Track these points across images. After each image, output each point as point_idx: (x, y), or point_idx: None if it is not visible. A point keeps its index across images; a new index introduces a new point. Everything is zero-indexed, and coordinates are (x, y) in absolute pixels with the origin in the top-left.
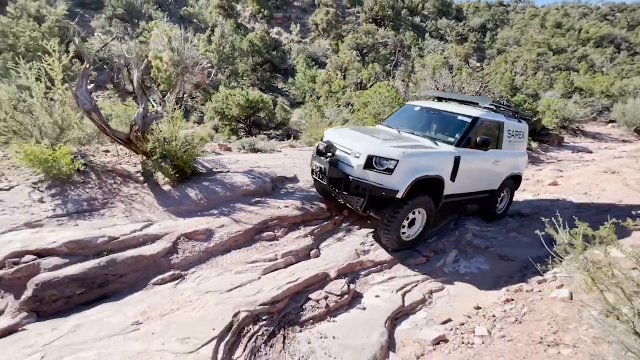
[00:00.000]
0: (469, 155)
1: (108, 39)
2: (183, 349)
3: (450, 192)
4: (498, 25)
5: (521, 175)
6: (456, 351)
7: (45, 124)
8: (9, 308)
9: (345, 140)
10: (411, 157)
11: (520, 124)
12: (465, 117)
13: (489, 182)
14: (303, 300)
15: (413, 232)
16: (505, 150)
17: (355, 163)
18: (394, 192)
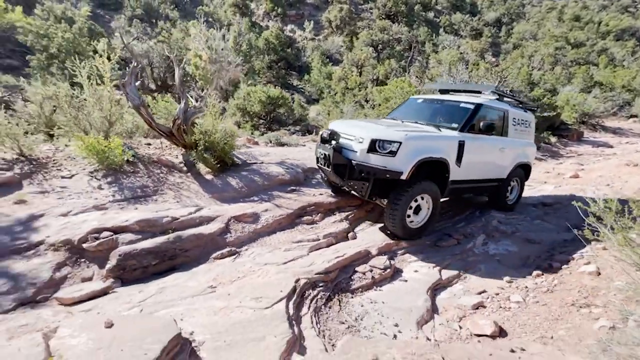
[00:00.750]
0: (473, 140)
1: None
2: (259, 305)
3: (457, 177)
4: (513, 19)
5: (530, 164)
6: (495, 313)
7: (96, 119)
8: (96, 275)
9: (348, 128)
10: (414, 139)
11: (526, 114)
12: (468, 104)
13: (496, 169)
14: (351, 272)
15: (419, 219)
16: (512, 138)
17: (358, 148)
18: (398, 173)
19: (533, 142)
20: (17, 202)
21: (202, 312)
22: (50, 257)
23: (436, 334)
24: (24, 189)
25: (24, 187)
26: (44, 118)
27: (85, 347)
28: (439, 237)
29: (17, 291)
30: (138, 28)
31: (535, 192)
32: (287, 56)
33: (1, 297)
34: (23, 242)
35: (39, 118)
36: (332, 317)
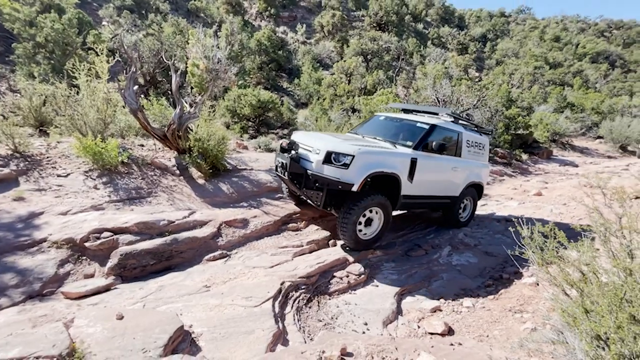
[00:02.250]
0: (426, 159)
1: (117, 30)
2: (248, 304)
3: (409, 192)
4: (498, 35)
5: (482, 184)
6: (448, 316)
7: (92, 119)
8: (97, 272)
9: (308, 140)
10: (366, 154)
11: (481, 137)
12: (424, 124)
13: (449, 187)
14: (329, 277)
15: (371, 231)
16: (465, 159)
17: (314, 159)
18: (349, 184)
19: (487, 164)
20: (15, 199)
21: (199, 308)
22: (54, 254)
23: (398, 332)
24: (21, 185)
25: (20, 184)
26: (33, 112)
27: (102, 335)
28: (410, 247)
29: (25, 285)
30: (128, 19)
31: (501, 207)
32: (278, 58)
33: (11, 289)
34: (26, 239)
35: (28, 111)
36: (312, 315)
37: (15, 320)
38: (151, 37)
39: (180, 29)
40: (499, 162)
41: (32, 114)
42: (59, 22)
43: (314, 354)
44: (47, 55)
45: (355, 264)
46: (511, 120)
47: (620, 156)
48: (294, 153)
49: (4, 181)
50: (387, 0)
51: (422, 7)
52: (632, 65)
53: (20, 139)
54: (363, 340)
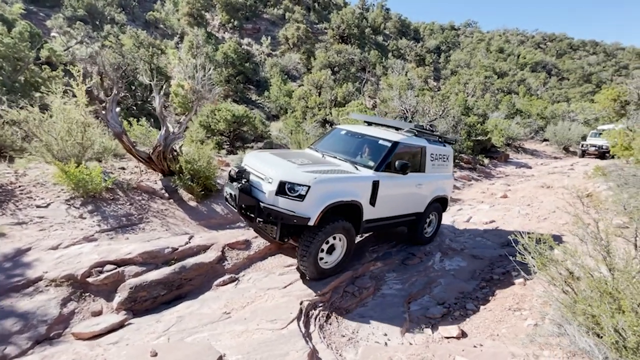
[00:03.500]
0: (388, 179)
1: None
2: (275, 327)
3: (372, 216)
4: (450, 47)
5: (447, 197)
6: (456, 320)
7: (69, 144)
8: (105, 308)
9: (260, 165)
10: (323, 183)
11: (445, 148)
12: (385, 142)
13: (413, 204)
14: (341, 292)
15: (333, 259)
16: (429, 173)
17: (267, 189)
18: (305, 219)
19: (451, 174)
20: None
21: (227, 336)
22: (54, 293)
23: (415, 339)
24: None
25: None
26: None
27: None
28: (405, 256)
29: (30, 329)
30: (81, 30)
31: (475, 211)
32: (245, 70)
33: (16, 336)
34: (20, 279)
35: None
36: (334, 332)
37: None
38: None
39: (140, 41)
40: (465, 168)
41: None
42: (9, 36)
43: None
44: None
45: (362, 277)
46: (471, 127)
47: (564, 156)
48: (244, 183)
49: None
50: (348, 14)
51: (381, 20)
52: (565, 74)
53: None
54: (402, 352)
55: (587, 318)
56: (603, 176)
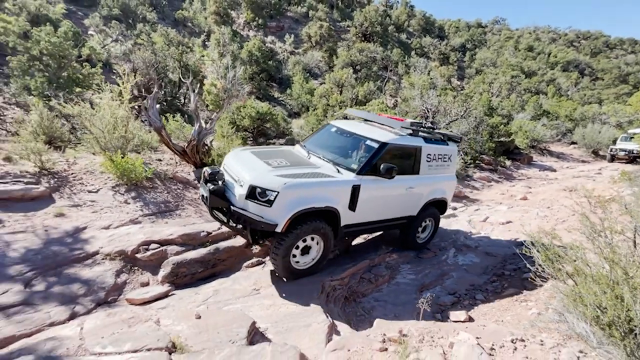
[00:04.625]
0: (371, 184)
1: (106, 40)
2: (298, 302)
3: (353, 221)
4: (476, 45)
5: (446, 199)
6: (465, 308)
7: (116, 137)
8: (151, 281)
9: (236, 166)
10: (293, 188)
11: (447, 147)
12: (373, 142)
13: (403, 208)
14: (358, 278)
15: (308, 260)
16: (423, 175)
17: (238, 192)
18: (272, 225)
19: (453, 175)
20: (57, 215)
21: (257, 308)
22: (109, 265)
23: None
24: (57, 202)
25: (56, 200)
26: (43, 128)
27: (189, 331)
28: (420, 250)
29: (92, 294)
30: (116, 29)
31: (493, 211)
32: (269, 68)
33: (82, 298)
34: (80, 252)
35: (38, 127)
36: (350, 311)
37: (109, 322)
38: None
39: (170, 39)
40: (485, 169)
41: (42, 130)
42: (55, 36)
43: (377, 336)
44: (41, 68)
45: (378, 266)
46: (494, 128)
47: (592, 160)
48: (218, 184)
49: (39, 198)
50: (371, 11)
51: (404, 17)
52: (600, 74)
53: (46, 156)
54: (412, 325)
55: (585, 307)
56: (629, 181)
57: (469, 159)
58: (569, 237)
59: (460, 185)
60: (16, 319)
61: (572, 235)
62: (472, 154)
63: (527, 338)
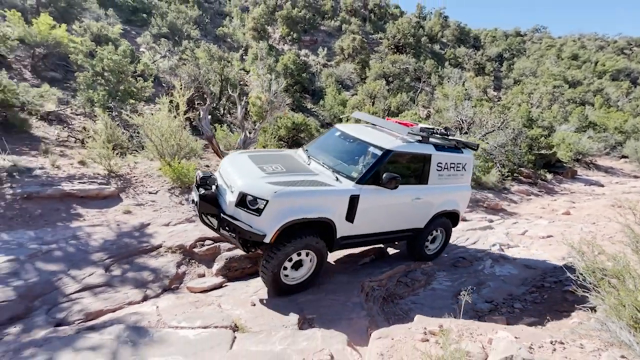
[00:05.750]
0: (372, 194)
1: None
2: (340, 298)
3: (350, 233)
4: (514, 54)
5: (457, 211)
6: (503, 315)
7: (171, 144)
8: (207, 273)
9: (231, 171)
10: (284, 197)
11: (462, 155)
12: (376, 149)
13: (408, 221)
14: (395, 281)
15: (299, 276)
16: (433, 185)
17: (229, 199)
18: (260, 236)
19: (467, 186)
20: (125, 212)
21: (303, 301)
22: (170, 257)
23: None
24: (124, 201)
25: (123, 199)
26: (107, 135)
27: (247, 315)
28: (456, 259)
29: (159, 281)
30: (164, 46)
31: (532, 225)
32: (302, 80)
33: (151, 284)
34: (146, 244)
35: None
36: (389, 310)
37: (179, 303)
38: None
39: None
40: (524, 182)
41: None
42: (115, 54)
43: (419, 329)
44: (102, 83)
45: (414, 271)
46: (534, 140)
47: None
48: (210, 189)
49: (109, 197)
50: (404, 23)
51: (438, 28)
52: None
53: (114, 160)
54: (452, 321)
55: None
56: None
57: (506, 172)
58: (612, 248)
59: (497, 198)
60: (102, 297)
61: (615, 247)
62: (509, 166)
63: (566, 341)
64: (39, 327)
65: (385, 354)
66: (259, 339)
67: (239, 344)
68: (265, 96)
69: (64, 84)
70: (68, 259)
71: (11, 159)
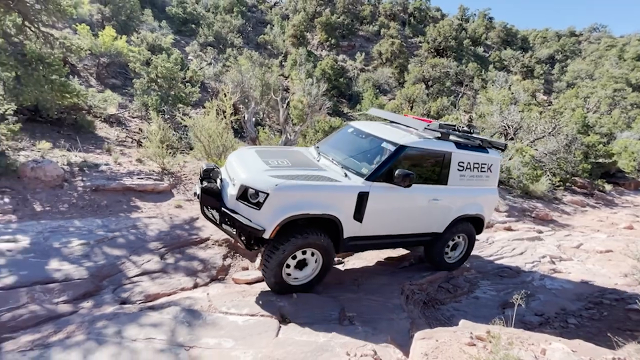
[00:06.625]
0: (383, 192)
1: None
2: (380, 299)
3: (360, 233)
4: (568, 56)
5: (482, 216)
6: (555, 329)
7: (217, 145)
8: (250, 266)
9: (236, 164)
10: (286, 190)
11: (486, 155)
12: (390, 144)
13: (425, 223)
14: (436, 286)
15: (303, 276)
16: (454, 186)
17: (230, 192)
18: (259, 230)
19: (494, 189)
20: (177, 206)
21: (342, 298)
22: (217, 250)
23: None
24: (175, 196)
25: (174, 195)
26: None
27: (290, 307)
28: (501, 269)
29: (207, 271)
30: (210, 54)
31: (588, 239)
32: (339, 85)
33: (200, 273)
34: (196, 237)
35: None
36: (430, 315)
37: (227, 292)
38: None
39: (253, 61)
40: (578, 192)
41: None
42: (168, 62)
43: (465, 332)
44: (155, 88)
45: (457, 278)
46: (590, 147)
47: None
48: (213, 182)
49: (163, 192)
50: (445, 26)
51: (482, 30)
52: None
53: (167, 159)
54: (500, 329)
55: None
56: None
57: (557, 180)
58: None
59: (547, 208)
60: (158, 282)
61: None
62: (561, 174)
63: (630, 359)
64: (107, 304)
65: (429, 354)
66: (302, 329)
67: (284, 332)
68: (306, 99)
69: (123, 89)
70: (129, 246)
71: (82, 155)
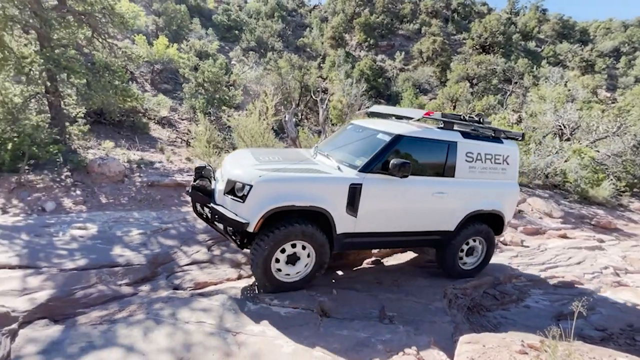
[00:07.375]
0: (379, 184)
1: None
2: (421, 301)
3: (356, 229)
4: (636, 48)
5: (501, 213)
6: (621, 346)
7: (258, 143)
8: None
9: (229, 163)
10: (270, 182)
11: (500, 145)
12: (385, 135)
13: (431, 219)
14: (481, 292)
15: (296, 272)
16: (462, 178)
17: (218, 187)
18: (243, 224)
19: (513, 183)
20: None
21: (383, 298)
22: None
23: None
24: None
25: None
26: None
27: (330, 303)
28: (555, 278)
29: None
30: (252, 58)
31: None
32: (378, 85)
33: (244, 265)
34: None
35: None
36: (475, 321)
37: None
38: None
39: (292, 64)
40: None
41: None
42: (214, 66)
43: (515, 340)
44: (202, 92)
45: (504, 284)
46: None
47: None
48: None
49: None
50: (492, 20)
51: (534, 23)
52: None
53: (213, 158)
54: (555, 341)
55: None
56: None
57: (623, 185)
58: None
59: (610, 215)
60: (206, 271)
61: None
62: (628, 179)
63: None
64: (162, 289)
65: (476, 359)
66: (343, 324)
67: (325, 326)
68: (346, 99)
69: (174, 94)
70: (180, 237)
71: (139, 154)
